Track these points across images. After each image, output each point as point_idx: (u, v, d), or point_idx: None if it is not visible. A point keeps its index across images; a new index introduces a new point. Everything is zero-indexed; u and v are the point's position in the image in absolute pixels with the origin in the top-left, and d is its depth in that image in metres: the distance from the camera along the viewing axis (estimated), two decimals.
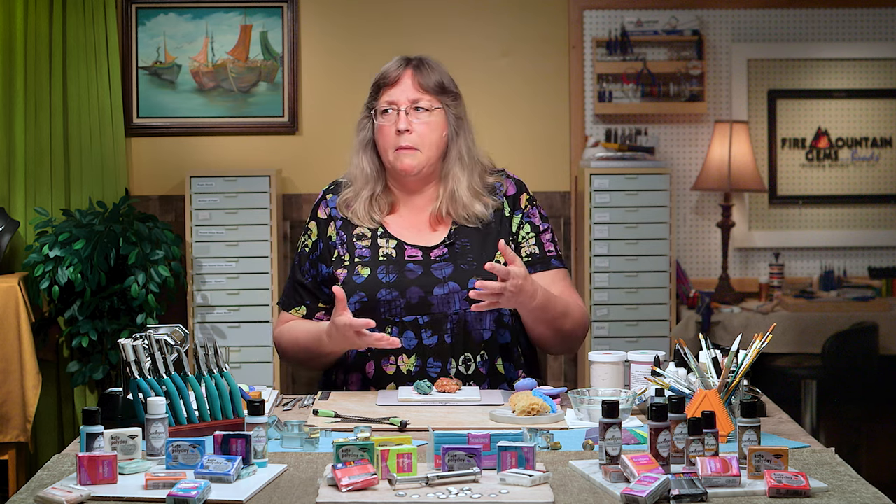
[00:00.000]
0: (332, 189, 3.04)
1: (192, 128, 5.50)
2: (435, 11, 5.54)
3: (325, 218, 2.99)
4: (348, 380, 2.91)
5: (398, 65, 2.95)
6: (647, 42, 5.53)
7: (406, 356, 2.86)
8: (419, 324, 2.87)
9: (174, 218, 5.45)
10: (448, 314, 2.87)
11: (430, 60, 2.98)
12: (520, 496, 2.00)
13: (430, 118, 2.91)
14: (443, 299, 2.86)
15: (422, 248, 2.92)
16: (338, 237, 2.96)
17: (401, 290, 2.86)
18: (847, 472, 2.17)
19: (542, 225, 2.98)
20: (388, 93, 2.93)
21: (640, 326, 5.18)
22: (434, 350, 2.86)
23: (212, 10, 5.47)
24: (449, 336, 2.86)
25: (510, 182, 3.00)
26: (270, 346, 5.15)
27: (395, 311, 2.87)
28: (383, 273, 2.88)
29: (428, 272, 2.88)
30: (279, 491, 2.07)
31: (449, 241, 2.92)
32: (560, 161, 5.56)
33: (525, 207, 2.97)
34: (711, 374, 2.46)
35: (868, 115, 5.63)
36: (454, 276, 2.87)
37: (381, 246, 2.92)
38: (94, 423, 2.16)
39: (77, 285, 4.89)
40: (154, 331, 2.45)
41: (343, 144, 5.51)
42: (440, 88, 2.93)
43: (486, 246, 2.91)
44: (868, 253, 5.65)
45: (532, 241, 2.95)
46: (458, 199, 2.92)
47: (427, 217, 2.96)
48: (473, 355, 2.87)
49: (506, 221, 2.95)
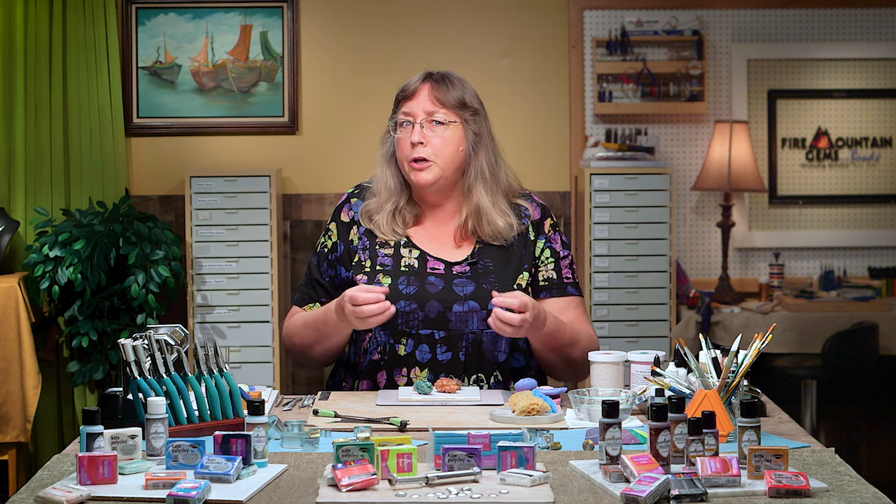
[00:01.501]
0: (356, 193, 3.04)
1: (192, 128, 5.50)
2: (435, 11, 5.54)
3: (348, 221, 2.99)
4: (358, 386, 2.92)
5: (418, 78, 2.96)
6: (647, 42, 5.53)
7: (419, 369, 2.86)
8: (435, 338, 2.87)
9: (174, 218, 5.45)
10: (465, 332, 2.87)
11: (453, 75, 2.97)
12: (520, 496, 2.00)
13: (446, 132, 2.91)
14: (461, 317, 2.86)
15: (444, 262, 2.92)
16: (360, 242, 2.96)
17: (420, 302, 2.86)
18: (847, 472, 2.17)
19: (563, 251, 2.99)
20: (406, 105, 2.94)
21: (640, 326, 5.18)
22: (447, 366, 2.86)
23: (212, 10, 5.47)
24: (463, 354, 2.86)
25: (535, 206, 3.01)
26: (270, 346, 5.15)
27: (413, 323, 2.87)
28: (404, 284, 2.88)
29: (449, 287, 2.88)
30: (279, 491, 2.07)
31: (472, 260, 2.92)
32: (560, 161, 5.56)
33: (548, 232, 2.98)
34: (711, 374, 2.46)
35: (868, 115, 5.63)
36: (475, 295, 2.87)
37: (403, 256, 2.92)
38: (94, 423, 2.16)
39: (77, 285, 4.89)
40: (154, 331, 2.45)
41: (343, 144, 5.57)
42: (459, 103, 2.93)
43: (508, 267, 2.92)
44: (868, 253, 5.65)
45: (551, 266, 2.96)
46: (483, 216, 2.92)
47: (450, 231, 2.96)
48: (486, 376, 2.87)
49: (529, 245, 2.96)
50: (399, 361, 2.86)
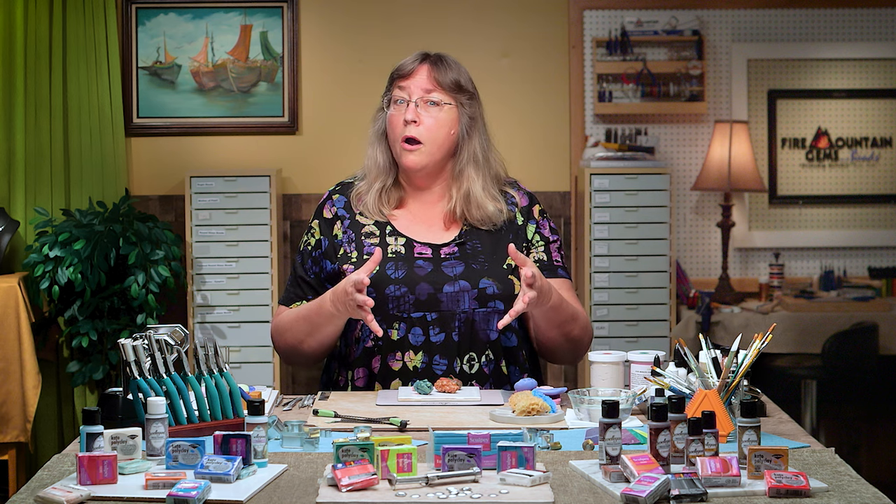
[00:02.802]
0: (338, 189, 3.05)
1: (192, 128, 5.50)
2: (435, 11, 5.54)
3: (331, 217, 2.99)
4: (354, 375, 2.91)
5: (416, 58, 2.97)
6: (647, 42, 5.53)
7: (412, 352, 2.86)
8: (427, 320, 2.87)
9: (174, 218, 5.45)
10: (457, 312, 2.87)
11: (449, 58, 2.99)
12: (520, 496, 2.00)
13: (440, 114, 2.92)
14: (452, 297, 2.86)
15: (431, 246, 2.92)
16: (345, 235, 2.96)
17: (410, 286, 2.86)
18: (847, 472, 2.16)
19: (552, 236, 3.00)
20: (402, 83, 2.94)
21: (640, 326, 5.18)
22: (440, 347, 2.86)
23: (212, 10, 5.47)
24: (456, 334, 2.87)
25: (521, 194, 3.02)
26: (270, 346, 5.15)
27: (404, 306, 2.86)
28: (392, 269, 2.88)
29: (438, 269, 2.88)
30: (279, 491, 2.07)
31: (460, 241, 2.92)
32: (560, 161, 5.56)
33: (538, 218, 2.99)
34: (711, 374, 2.46)
35: (868, 115, 5.63)
36: (465, 275, 2.88)
37: (389, 244, 2.92)
38: (94, 423, 2.16)
39: (77, 285, 4.89)
40: (154, 331, 2.45)
41: (343, 144, 5.57)
42: (455, 86, 2.94)
43: (497, 249, 2.92)
44: (868, 253, 5.65)
45: (541, 248, 2.97)
46: (473, 200, 2.92)
47: (437, 214, 2.97)
48: (479, 355, 2.87)
49: (520, 231, 2.96)
50: (393, 346, 2.86)
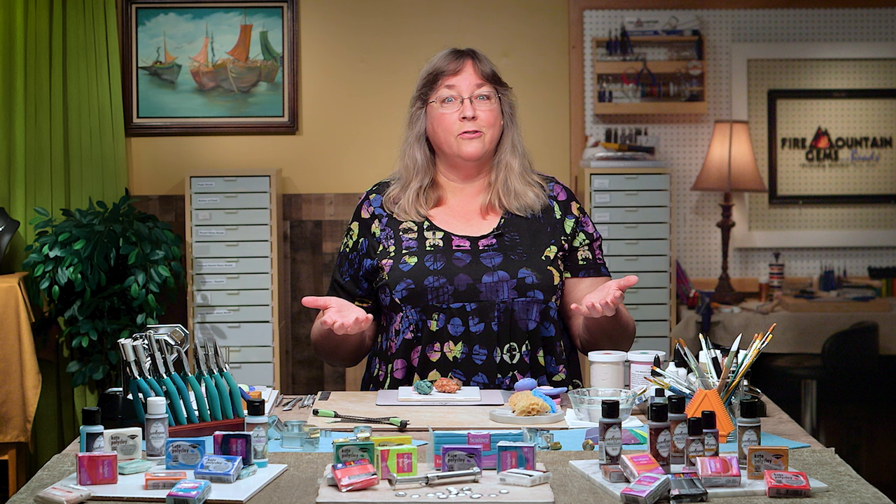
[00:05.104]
0: (375, 189, 3.08)
1: (192, 128, 5.50)
2: (435, 11, 5.54)
3: (368, 217, 3.02)
4: (392, 367, 2.93)
5: (454, 55, 3.00)
6: (647, 42, 5.53)
7: (452, 343, 2.88)
8: (466, 311, 2.88)
9: (174, 218, 5.46)
10: (496, 302, 2.89)
11: (479, 51, 3.05)
12: (520, 496, 2.00)
13: (492, 105, 2.97)
14: (491, 287, 2.89)
15: (469, 239, 2.95)
16: (382, 233, 2.98)
17: (449, 277, 2.89)
18: (847, 472, 2.16)
19: (595, 234, 3.05)
20: (450, 81, 2.97)
21: (640, 326, 5.16)
22: (480, 337, 2.88)
23: (212, 10, 5.47)
24: (496, 324, 2.88)
25: (560, 188, 3.06)
26: (270, 346, 5.15)
27: (443, 297, 2.88)
28: (430, 261, 2.91)
29: (476, 260, 2.91)
30: (279, 491, 2.07)
31: (498, 232, 2.95)
32: (560, 161, 5.56)
33: (578, 215, 3.03)
34: (711, 374, 2.46)
35: (868, 115, 5.63)
36: (503, 266, 2.90)
37: (427, 238, 2.95)
38: (94, 423, 2.16)
39: (77, 285, 4.89)
40: (154, 331, 2.45)
41: (343, 144, 5.57)
42: (495, 77, 3.01)
43: (535, 239, 2.96)
44: (868, 253, 5.65)
45: (587, 247, 3.01)
46: (511, 188, 2.97)
47: (475, 208, 3.01)
48: (519, 345, 2.90)
49: (557, 223, 2.99)
50: (432, 337, 2.89)
